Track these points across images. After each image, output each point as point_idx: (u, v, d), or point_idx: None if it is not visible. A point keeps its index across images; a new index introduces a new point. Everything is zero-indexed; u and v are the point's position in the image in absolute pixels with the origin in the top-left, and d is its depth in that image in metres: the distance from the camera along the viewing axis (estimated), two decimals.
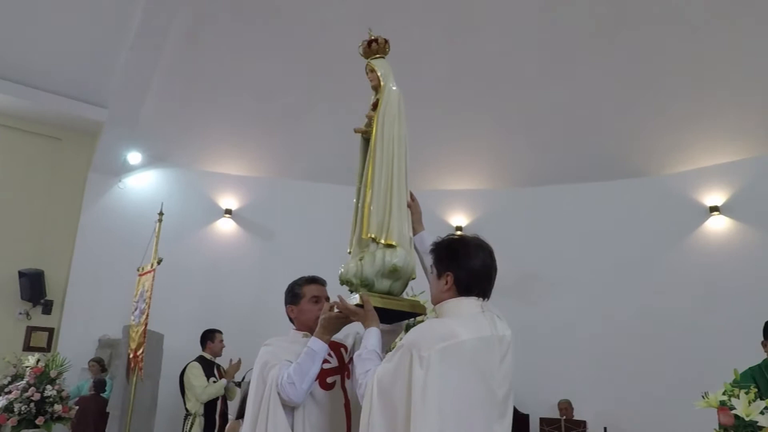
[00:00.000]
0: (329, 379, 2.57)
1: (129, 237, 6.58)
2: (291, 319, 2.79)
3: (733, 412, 2.46)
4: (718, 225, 6.52)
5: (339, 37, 6.69)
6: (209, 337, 5.96)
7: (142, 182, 7.18)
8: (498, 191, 7.50)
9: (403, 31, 6.01)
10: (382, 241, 2.30)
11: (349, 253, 2.54)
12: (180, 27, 6.26)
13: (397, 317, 2.43)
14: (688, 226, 6.66)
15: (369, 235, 2.30)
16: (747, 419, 2.38)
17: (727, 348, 5.87)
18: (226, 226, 7.26)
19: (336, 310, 2.40)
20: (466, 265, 2.08)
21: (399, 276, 2.32)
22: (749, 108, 6.25)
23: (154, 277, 5.69)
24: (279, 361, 2.50)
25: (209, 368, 5.82)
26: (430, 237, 2.50)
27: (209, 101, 7.01)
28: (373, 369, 2.11)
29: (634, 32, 6.33)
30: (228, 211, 7.26)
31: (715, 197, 6.57)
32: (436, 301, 2.15)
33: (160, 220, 5.94)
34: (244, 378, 5.77)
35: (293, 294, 2.72)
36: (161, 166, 7.25)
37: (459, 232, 1.90)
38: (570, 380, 6.47)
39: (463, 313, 2.03)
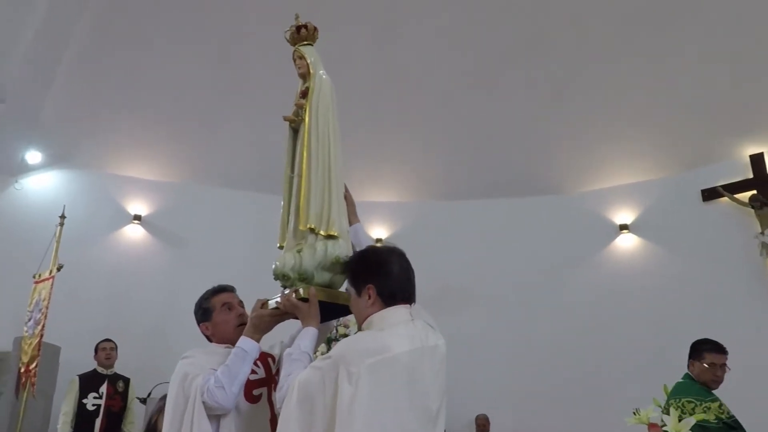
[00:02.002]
0: (255, 392, 2.37)
1: (24, 242, 6.05)
2: (208, 338, 2.57)
3: (664, 428, 2.46)
4: (627, 243, 6.80)
5: (259, 38, 6.49)
6: (96, 348, 5.75)
7: (42, 184, 6.64)
8: (418, 204, 7.50)
9: (328, 38, 5.91)
10: (322, 232, 2.16)
11: (280, 247, 2.38)
12: (90, 17, 5.88)
13: (338, 313, 2.29)
14: (599, 243, 6.91)
15: (308, 226, 2.16)
16: None
17: (638, 363, 6.15)
18: (134, 232, 6.83)
19: (272, 304, 2.22)
20: (384, 273, 1.98)
21: (340, 269, 2.19)
22: (656, 131, 6.60)
23: (52, 284, 5.24)
24: (202, 370, 2.30)
25: (96, 382, 5.59)
26: (364, 230, 2.40)
27: (119, 99, 6.60)
28: (296, 374, 1.96)
29: (552, 54, 6.57)
30: (137, 217, 6.83)
31: (624, 216, 6.86)
32: (362, 320, 2.03)
33: (61, 224, 5.51)
34: (149, 394, 5.38)
35: (203, 310, 2.52)
36: (63, 167, 6.73)
37: (378, 244, 1.87)
38: (487, 394, 6.49)
39: (393, 325, 1.92)
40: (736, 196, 6.27)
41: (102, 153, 6.82)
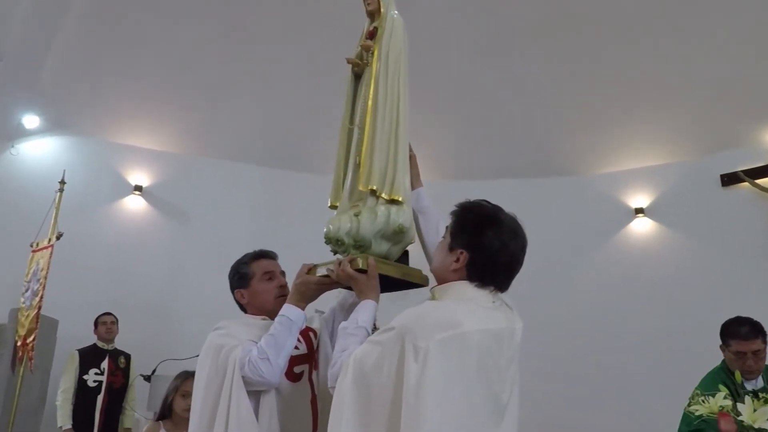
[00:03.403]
0: (296, 369, 2.15)
1: (21, 209, 5.80)
2: (241, 307, 2.34)
3: (739, 418, 2.25)
4: (642, 227, 6.65)
5: (270, 10, 6.25)
6: (95, 322, 5.55)
7: (40, 150, 6.34)
8: (430, 184, 7.27)
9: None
10: (385, 196, 1.92)
11: (332, 207, 2.14)
12: None
13: (394, 288, 2.07)
14: (614, 227, 6.74)
15: (369, 187, 1.93)
16: (755, 426, 2.18)
17: (653, 349, 6.04)
18: (135, 203, 6.56)
19: (321, 272, 2.01)
20: (489, 249, 1.70)
21: (402, 239, 1.95)
22: (677, 114, 6.42)
23: (51, 253, 5.00)
24: (240, 342, 2.07)
25: (97, 357, 5.39)
26: (437, 191, 2.18)
27: (122, 66, 6.28)
28: (352, 349, 1.74)
29: (571, 33, 6.32)
30: (138, 188, 6.55)
31: (640, 199, 6.69)
32: (438, 278, 1.78)
33: (61, 190, 5.27)
34: (154, 371, 5.16)
35: (239, 275, 2.28)
36: (63, 134, 6.43)
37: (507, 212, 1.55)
38: None
39: (470, 300, 1.68)
40: (757, 181, 6.12)
41: (103, 120, 6.52)
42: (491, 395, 1.62)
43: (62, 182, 5.32)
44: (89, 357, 5.39)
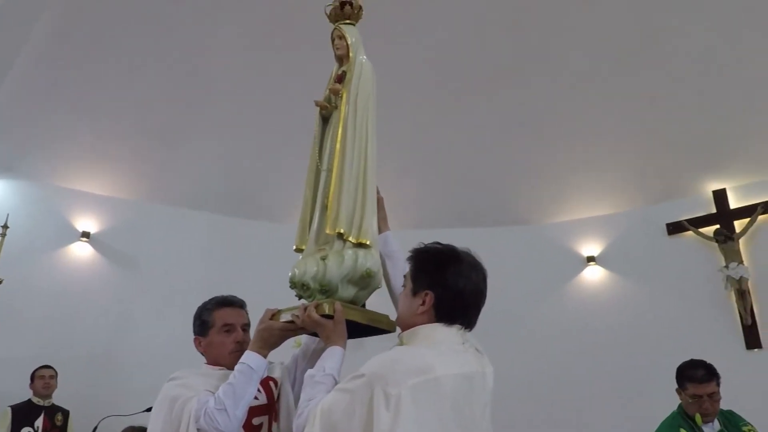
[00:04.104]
0: (255, 420, 2.05)
1: None
2: (201, 354, 2.28)
3: None
4: (594, 275, 6.79)
5: (227, 57, 6.29)
6: (32, 375, 5.24)
7: None
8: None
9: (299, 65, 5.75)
10: (352, 239, 1.90)
11: (298, 250, 2.10)
12: (51, 20, 5.48)
13: (361, 334, 2.02)
14: (567, 275, 6.86)
15: (336, 230, 1.90)
16: None
17: (606, 394, 6.09)
18: (81, 250, 6.30)
19: (286, 317, 1.94)
20: (454, 287, 1.69)
21: (369, 283, 1.92)
22: (624, 165, 6.68)
23: None
24: (196, 393, 1.98)
25: (31, 414, 5.08)
26: (395, 239, 2.16)
27: (73, 108, 6.15)
28: (319, 398, 1.68)
29: (524, 87, 6.57)
30: (85, 234, 6.32)
31: (591, 248, 6.86)
32: (405, 324, 1.74)
33: (3, 234, 5.03)
34: (95, 429, 4.88)
35: (201, 322, 2.20)
36: (7, 177, 6.16)
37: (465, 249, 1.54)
38: None
39: (439, 343, 1.64)
40: (700, 230, 6.36)
41: (51, 163, 6.31)
42: None
43: (5, 226, 5.10)
44: (23, 414, 5.06)
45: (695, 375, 3.25)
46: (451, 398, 1.56)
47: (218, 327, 2.18)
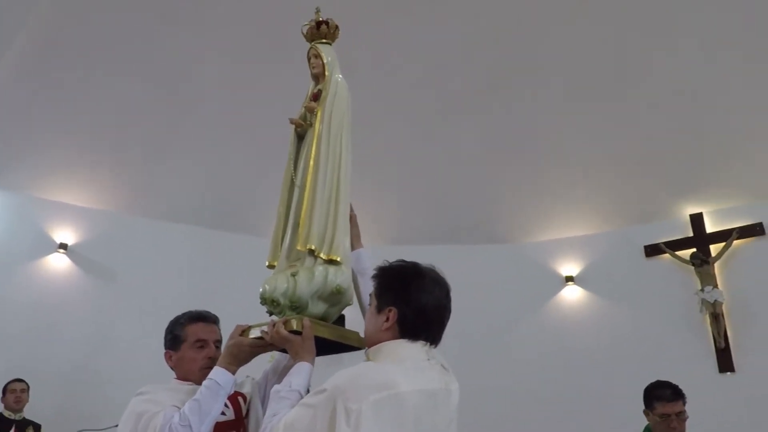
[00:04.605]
0: None
1: None
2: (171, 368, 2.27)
3: None
4: (572, 294, 6.84)
5: (211, 72, 6.31)
6: (3, 389, 5.21)
7: None
8: (368, 248, 7.29)
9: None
10: (323, 256, 1.91)
11: (270, 267, 2.11)
12: (33, 29, 5.48)
13: (331, 351, 2.03)
14: (546, 294, 6.91)
15: (308, 246, 1.91)
16: None
17: (584, 414, 6.11)
18: (58, 262, 6.23)
19: (255, 333, 1.95)
20: (416, 302, 1.71)
21: (340, 300, 1.93)
22: (603, 187, 6.77)
23: None
24: (162, 408, 1.97)
25: (2, 427, 5.03)
26: (369, 257, 2.18)
27: (53, 117, 6.10)
28: (283, 413, 1.69)
29: (505, 106, 6.66)
30: (63, 246, 6.25)
31: (570, 268, 6.92)
32: (371, 341, 1.76)
33: None
34: None
35: (173, 336, 2.20)
36: None
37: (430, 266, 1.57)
38: None
39: (404, 359, 1.65)
40: (677, 253, 6.45)
41: (29, 174, 6.24)
42: None
43: None
44: None
45: (663, 394, 3.30)
46: (413, 414, 1.57)
47: (190, 342, 2.18)
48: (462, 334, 6.66)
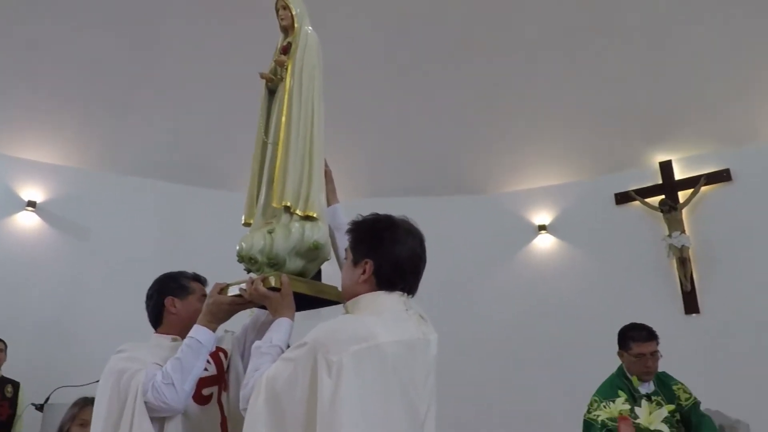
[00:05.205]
0: (205, 391, 2.08)
1: None
2: (156, 318, 2.24)
3: (636, 421, 2.39)
4: (545, 243, 6.96)
5: (179, 24, 6.13)
6: None
7: None
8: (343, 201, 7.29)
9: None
10: (299, 212, 1.91)
11: (246, 225, 2.10)
12: None
13: (310, 306, 2.05)
14: (519, 243, 7.02)
15: (283, 203, 1.91)
16: (651, 428, 2.33)
17: (555, 358, 6.31)
18: (27, 220, 6.12)
19: (233, 291, 1.96)
20: (390, 253, 1.74)
21: (317, 256, 1.94)
22: (574, 136, 6.81)
23: None
24: (144, 366, 1.99)
25: None
26: (344, 212, 2.18)
27: (16, 70, 5.91)
28: (264, 369, 1.72)
29: (479, 57, 6.59)
30: (31, 204, 6.13)
31: (542, 217, 7.01)
32: (348, 295, 1.78)
33: None
34: (47, 400, 4.82)
35: (179, 285, 2.20)
36: None
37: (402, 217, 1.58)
38: None
39: (383, 311, 1.68)
40: (647, 200, 6.57)
41: None
42: (409, 408, 1.62)
43: None
44: None
45: (639, 335, 3.52)
46: (392, 364, 1.60)
47: (198, 296, 2.20)
48: (436, 283, 6.79)
